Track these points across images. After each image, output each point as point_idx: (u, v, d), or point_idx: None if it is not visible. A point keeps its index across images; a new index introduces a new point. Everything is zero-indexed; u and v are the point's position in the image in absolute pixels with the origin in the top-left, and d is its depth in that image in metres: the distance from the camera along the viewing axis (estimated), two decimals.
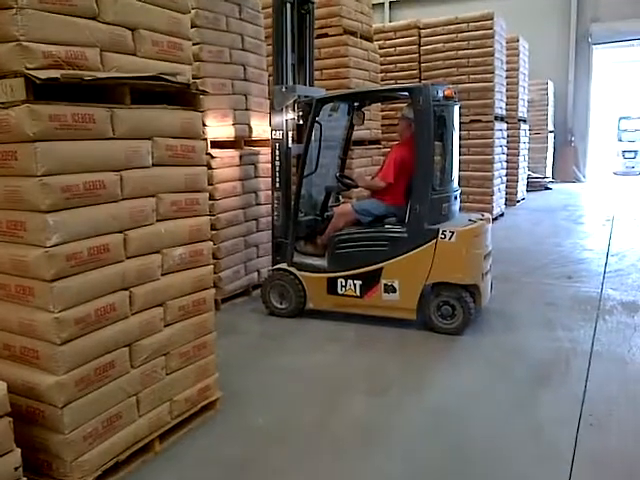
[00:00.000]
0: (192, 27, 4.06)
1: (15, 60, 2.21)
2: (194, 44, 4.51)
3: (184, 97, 2.98)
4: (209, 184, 4.76)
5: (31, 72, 2.19)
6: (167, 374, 2.89)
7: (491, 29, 9.21)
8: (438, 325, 4.52)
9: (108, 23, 2.57)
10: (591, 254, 7.25)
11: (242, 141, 5.41)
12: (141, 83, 2.62)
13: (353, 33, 7.04)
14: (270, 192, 5.22)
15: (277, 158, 5.04)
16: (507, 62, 10.31)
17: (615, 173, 18.37)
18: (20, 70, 2.20)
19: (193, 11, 4.64)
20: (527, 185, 12.87)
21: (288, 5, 4.93)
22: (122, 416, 2.63)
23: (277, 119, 5.00)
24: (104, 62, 2.55)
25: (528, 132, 12.41)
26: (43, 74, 2.21)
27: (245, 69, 5.43)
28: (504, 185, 10.46)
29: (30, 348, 2.36)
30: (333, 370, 3.91)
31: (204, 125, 4.84)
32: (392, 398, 3.49)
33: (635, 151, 18.81)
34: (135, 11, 2.70)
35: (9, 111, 2.23)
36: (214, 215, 4.92)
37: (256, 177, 5.57)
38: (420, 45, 9.76)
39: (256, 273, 5.65)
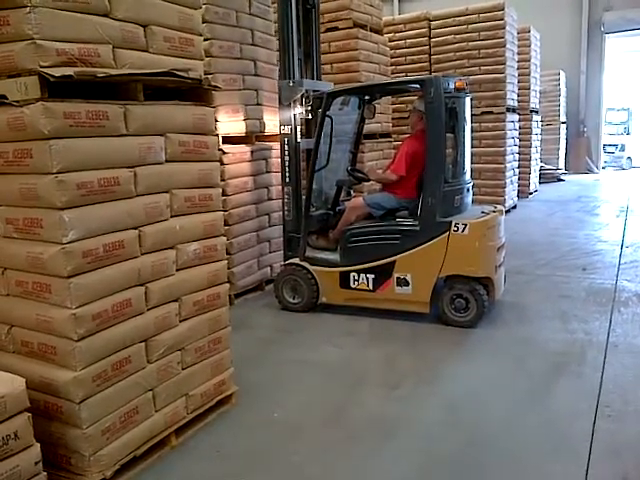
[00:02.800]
0: (202, 22, 4.09)
1: (29, 58, 2.22)
2: (205, 40, 4.51)
3: (196, 93, 2.99)
4: (221, 180, 4.79)
5: (45, 70, 2.20)
6: (183, 369, 2.91)
7: (502, 20, 9.12)
8: (452, 318, 4.51)
9: (120, 20, 2.57)
10: (605, 245, 7.20)
11: (253, 136, 5.41)
12: (154, 79, 2.63)
13: (363, 26, 7.01)
14: (281, 187, 5.22)
15: (286, 153, 5.04)
16: (518, 53, 10.24)
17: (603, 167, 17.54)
18: (34, 68, 2.21)
19: (203, 6, 4.64)
20: (540, 177, 12.78)
21: (293, 1, 4.91)
22: (139, 411, 2.65)
23: (285, 114, 5.00)
24: (117, 59, 2.56)
25: (540, 123, 12.31)
26: (57, 72, 2.22)
27: (256, 64, 5.43)
28: (516, 177, 10.39)
29: (48, 344, 2.39)
30: (347, 363, 3.92)
31: (216, 121, 4.84)
32: (407, 391, 3.49)
33: (616, 145, 18.17)
34: (146, 7, 2.70)
35: (24, 109, 2.24)
36: (226, 211, 4.93)
37: (268, 172, 5.57)
38: (430, 37, 9.69)
39: (269, 268, 5.66)
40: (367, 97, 5.31)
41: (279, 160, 5.30)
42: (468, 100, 4.78)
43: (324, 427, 3.11)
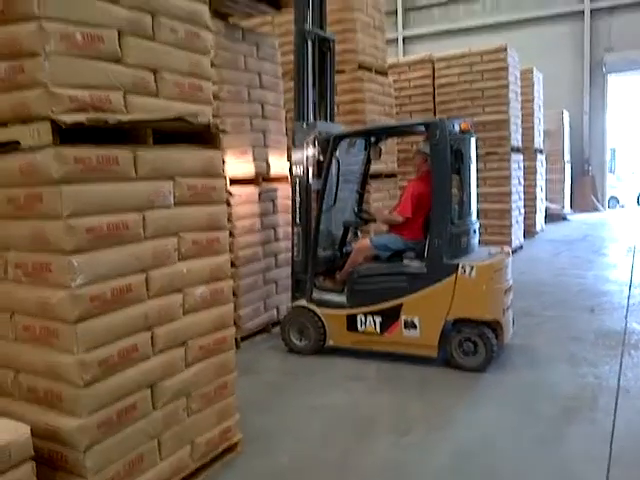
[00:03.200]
0: (211, 67, 4.17)
1: (42, 105, 2.25)
2: (213, 83, 4.58)
3: (205, 136, 3.02)
4: (228, 221, 4.80)
5: (57, 116, 2.23)
6: (188, 416, 2.86)
7: (504, 61, 9.27)
8: (460, 362, 4.44)
9: (131, 66, 2.62)
10: (614, 286, 7.14)
11: (260, 178, 5.44)
12: (163, 124, 2.66)
13: (368, 69, 7.13)
14: (289, 228, 5.23)
15: (297, 194, 5.06)
16: (522, 93, 10.36)
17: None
18: (47, 115, 2.24)
19: (212, 52, 4.73)
20: (545, 216, 12.78)
21: (309, 43, 5.01)
22: (144, 459, 2.59)
23: (298, 155, 5.03)
24: (127, 104, 2.59)
25: (545, 163, 12.38)
26: (69, 118, 2.25)
27: (263, 107, 5.51)
28: (522, 217, 10.39)
29: (53, 390, 2.35)
30: (355, 409, 3.85)
31: (223, 163, 4.88)
32: (417, 437, 3.41)
33: None
34: (157, 54, 2.75)
35: (35, 154, 2.26)
36: (233, 252, 4.92)
37: (275, 213, 5.59)
38: (434, 78, 9.85)
39: (275, 310, 5.62)
40: (373, 139, 5.36)
41: (286, 201, 5.33)
42: (473, 141, 4.82)
43: (332, 474, 3.03)
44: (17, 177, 2.32)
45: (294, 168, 5.05)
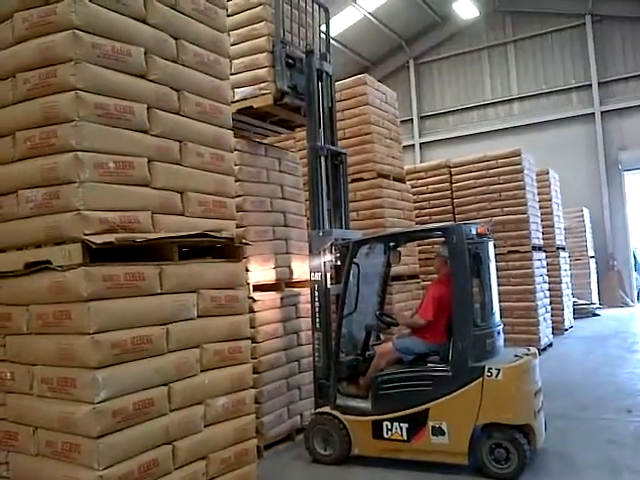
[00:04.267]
0: (235, 181, 4.42)
1: (74, 228, 2.43)
2: (237, 196, 4.83)
3: (228, 249, 3.16)
4: (251, 327, 4.87)
5: (88, 237, 2.39)
6: None
7: (520, 164, 9.52)
8: (492, 470, 4.24)
9: (159, 189, 2.81)
10: None
11: (283, 283, 5.55)
12: (188, 241, 2.81)
13: (386, 176, 7.42)
14: (311, 332, 5.26)
15: (316, 299, 5.13)
16: (539, 193, 10.54)
17: None
18: (78, 236, 2.40)
19: (237, 167, 5.02)
20: (574, 312, 12.56)
21: (322, 158, 5.29)
22: None
23: (315, 262, 5.16)
24: (155, 223, 2.77)
25: (568, 259, 12.35)
26: (99, 239, 2.42)
27: (285, 216, 5.73)
28: (549, 314, 10.23)
29: None
30: None
31: (247, 270, 5.03)
32: None
33: None
34: (184, 176, 2.97)
35: (66, 274, 2.41)
36: (256, 358, 4.94)
37: (297, 318, 5.63)
38: (452, 182, 10.10)
39: (299, 416, 5.52)
40: (392, 243, 5.49)
41: (308, 305, 5.39)
42: (491, 244, 4.90)
43: None
44: (46, 295, 2.46)
45: (312, 275, 5.16)
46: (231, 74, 5.01)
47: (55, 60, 2.53)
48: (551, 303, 10.44)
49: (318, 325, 5.10)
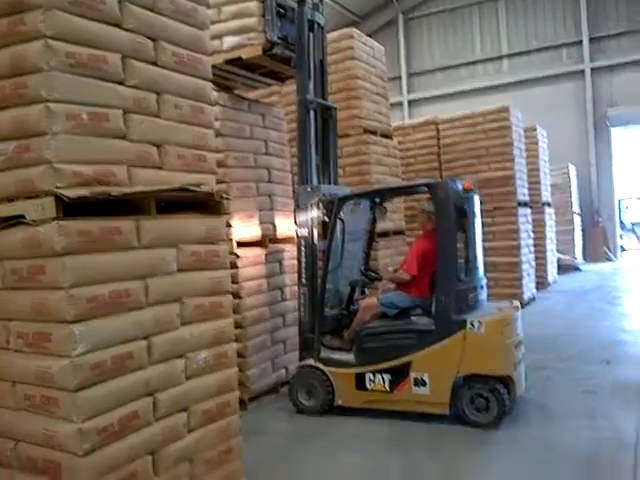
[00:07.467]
0: (218, 136, 4.34)
1: (47, 181, 2.36)
2: (220, 152, 4.76)
3: (208, 204, 3.11)
4: (235, 283, 4.88)
5: (61, 191, 2.34)
6: None
7: (507, 121, 9.47)
8: (472, 419, 4.37)
9: (135, 142, 2.74)
10: (629, 337, 7.03)
11: (267, 240, 5.54)
12: (166, 195, 2.77)
13: (373, 132, 7.34)
14: (296, 288, 5.28)
15: (303, 255, 5.14)
16: (526, 150, 10.52)
17: None
18: (51, 190, 2.35)
19: (219, 122, 4.93)
20: (558, 267, 12.72)
21: (311, 112, 5.20)
22: None
23: (302, 217, 5.14)
24: (131, 177, 2.70)
25: (554, 215, 12.42)
26: (72, 193, 2.36)
27: (269, 172, 5.67)
28: (533, 269, 10.35)
29: (52, 460, 2.36)
30: (365, 472, 3.78)
31: (230, 227, 5.00)
32: None
33: None
34: (161, 129, 2.88)
35: (39, 228, 2.36)
36: (240, 313, 4.97)
37: (281, 274, 5.65)
38: (439, 139, 10.07)
39: (284, 370, 5.60)
40: (377, 199, 5.47)
41: (292, 262, 5.40)
42: (477, 199, 4.90)
43: None
44: (21, 250, 2.41)
45: (299, 230, 5.15)
46: (219, 22, 4.94)
47: (23, 7, 2.42)
48: (535, 258, 10.55)
49: (304, 280, 5.13)
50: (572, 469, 3.63)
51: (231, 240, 4.97)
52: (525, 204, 10.03)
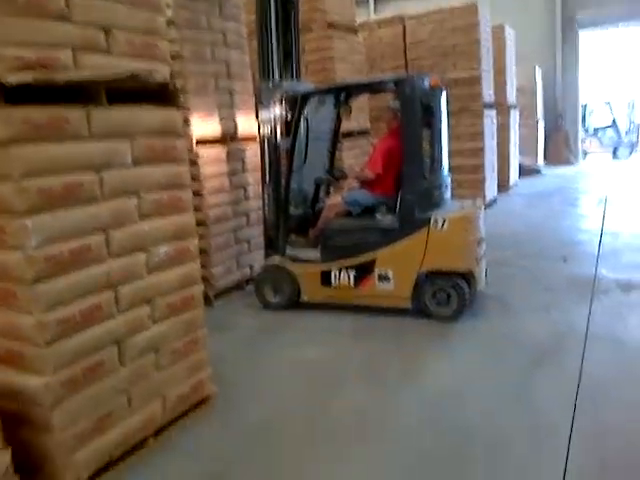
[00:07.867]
0: (171, 25, 4.08)
1: None
2: (173, 42, 4.49)
3: (163, 95, 2.96)
4: (197, 181, 4.79)
5: (2, 76, 2.18)
6: (158, 371, 2.89)
7: (475, 18, 9.16)
8: (434, 312, 4.51)
9: (80, 24, 2.55)
10: (585, 235, 7.24)
11: (228, 137, 5.38)
12: (115, 81, 2.61)
13: (336, 27, 7.03)
14: (259, 187, 5.21)
15: (266, 153, 5.03)
16: (494, 50, 10.27)
17: None
18: None
19: (171, 10, 4.62)
20: (520, 170, 12.83)
21: (272, 1, 4.90)
22: (113, 415, 2.63)
23: (265, 115, 4.97)
24: (77, 63, 2.54)
25: (518, 118, 12.37)
26: (14, 78, 2.20)
27: (228, 66, 5.41)
28: (495, 172, 10.42)
29: (15, 350, 2.37)
30: (330, 362, 3.91)
31: (189, 124, 4.83)
32: (390, 388, 3.48)
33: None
34: (107, 11, 2.69)
35: None
36: (202, 211, 4.91)
37: (244, 172, 5.54)
38: (405, 36, 9.73)
39: (249, 268, 5.64)
40: (342, 97, 5.31)
41: (256, 160, 5.29)
42: (444, 96, 4.80)
43: (306, 428, 3.09)
44: None
45: (262, 128, 5.00)
46: None
47: None
48: (498, 161, 10.59)
49: (268, 179, 5.05)
50: (525, 355, 3.82)
51: (190, 137, 4.81)
52: (491, 106, 9.93)
